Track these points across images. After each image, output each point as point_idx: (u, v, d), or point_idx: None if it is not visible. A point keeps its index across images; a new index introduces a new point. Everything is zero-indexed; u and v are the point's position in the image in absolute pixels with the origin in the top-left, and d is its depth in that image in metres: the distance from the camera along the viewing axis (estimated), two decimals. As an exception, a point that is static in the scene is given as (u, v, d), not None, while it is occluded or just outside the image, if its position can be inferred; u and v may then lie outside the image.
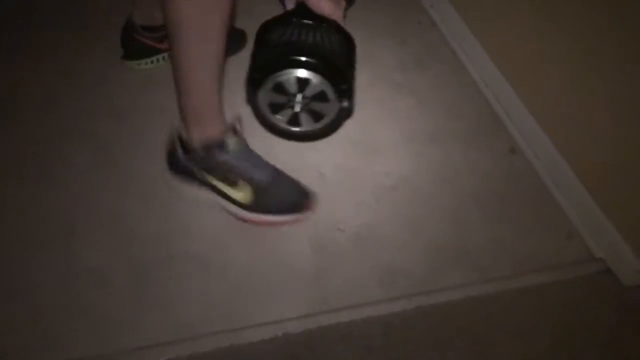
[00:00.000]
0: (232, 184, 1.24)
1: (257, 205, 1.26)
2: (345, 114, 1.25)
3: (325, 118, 1.23)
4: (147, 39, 1.50)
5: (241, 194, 1.24)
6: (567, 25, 1.34)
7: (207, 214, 1.29)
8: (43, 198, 1.29)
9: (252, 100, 1.25)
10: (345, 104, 1.19)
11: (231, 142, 1.20)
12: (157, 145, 1.35)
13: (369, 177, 1.42)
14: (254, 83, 1.22)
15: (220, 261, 1.23)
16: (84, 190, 1.31)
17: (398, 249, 1.30)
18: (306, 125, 1.29)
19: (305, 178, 1.35)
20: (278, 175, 1.28)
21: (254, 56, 1.24)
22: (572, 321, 1.24)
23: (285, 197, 1.28)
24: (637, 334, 1.24)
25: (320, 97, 1.18)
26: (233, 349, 1.12)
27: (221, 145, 1.19)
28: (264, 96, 1.22)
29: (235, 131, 1.21)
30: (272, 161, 1.31)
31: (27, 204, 1.28)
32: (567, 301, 1.27)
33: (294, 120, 1.26)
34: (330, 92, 1.17)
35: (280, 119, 1.24)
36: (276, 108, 1.23)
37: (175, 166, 1.24)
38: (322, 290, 1.22)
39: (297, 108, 1.21)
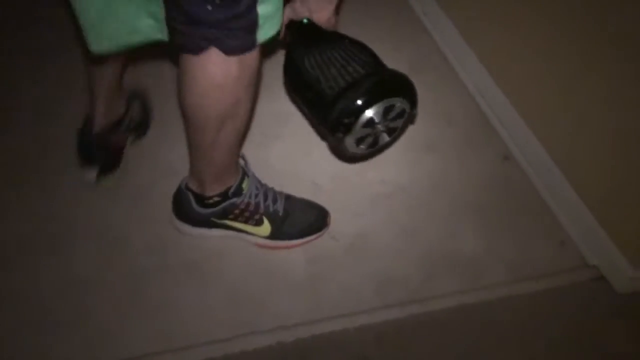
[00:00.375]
0: (253, 222, 1.24)
1: (279, 233, 1.26)
2: (412, 119, 1.24)
3: (398, 129, 1.20)
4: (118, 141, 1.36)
5: (262, 228, 1.25)
6: (561, 31, 1.35)
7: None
8: (38, 205, 1.29)
9: (339, 145, 1.17)
10: (415, 110, 1.18)
11: (245, 184, 1.20)
12: (154, 152, 1.35)
13: (364, 185, 1.42)
14: (343, 128, 1.13)
15: (214, 270, 1.23)
16: (79, 198, 1.31)
17: (392, 257, 1.30)
18: (382, 141, 1.24)
19: (300, 188, 1.36)
20: (291, 201, 1.29)
21: (317, 101, 1.16)
22: (567, 328, 1.24)
23: (303, 220, 1.29)
24: (630, 340, 1.24)
25: (400, 114, 1.16)
26: (226, 358, 1.12)
27: (238, 191, 1.19)
28: (353, 136, 1.16)
29: (245, 171, 1.21)
30: (268, 171, 1.32)
31: (21, 211, 1.28)
32: (561, 308, 1.27)
33: (374, 142, 1.21)
34: (407, 106, 1.16)
35: (363, 148, 1.19)
36: (361, 140, 1.18)
37: (190, 218, 1.24)
38: (316, 299, 1.22)
39: (381, 131, 1.17)
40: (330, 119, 1.11)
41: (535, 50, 1.44)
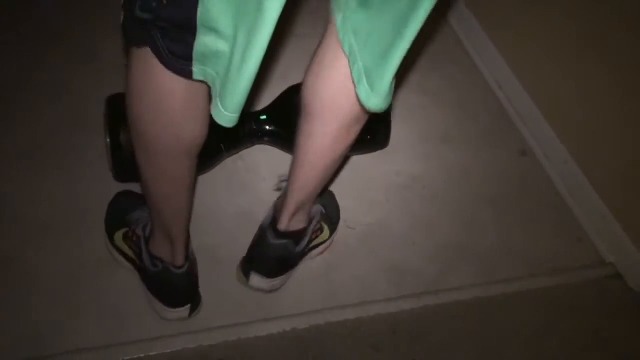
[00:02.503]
0: (319, 232, 1.22)
1: (332, 230, 1.26)
2: None
3: None
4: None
5: (324, 233, 1.23)
6: (583, 26, 1.34)
7: (219, 209, 1.29)
8: (53, 188, 1.30)
9: None
10: None
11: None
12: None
13: (380, 175, 1.42)
14: None
15: (231, 255, 1.23)
16: (94, 181, 1.31)
17: (408, 248, 1.30)
18: None
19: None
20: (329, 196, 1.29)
21: None
22: (581, 325, 1.23)
23: (333, 206, 1.30)
24: (646, 339, 1.23)
25: None
26: (240, 343, 1.12)
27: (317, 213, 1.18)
28: None
29: None
30: (285, 160, 1.32)
31: (37, 193, 1.28)
32: (577, 305, 1.27)
33: None
34: None
35: None
36: None
37: (288, 265, 1.17)
38: (331, 287, 1.22)
39: None
40: None
41: (556, 44, 1.43)
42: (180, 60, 0.72)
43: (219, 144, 1.31)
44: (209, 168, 1.33)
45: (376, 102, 0.81)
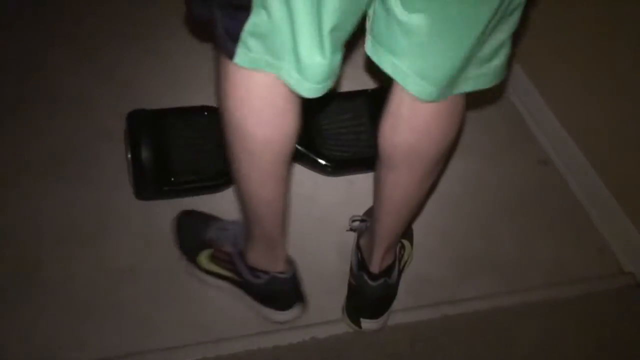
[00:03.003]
0: (405, 250, 1.23)
1: (412, 243, 1.29)
2: None
3: None
4: None
5: (408, 249, 1.26)
6: (601, 35, 1.34)
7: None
8: (77, 197, 1.31)
9: None
10: None
11: None
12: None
13: (398, 184, 1.42)
14: None
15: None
16: (117, 191, 1.33)
17: (426, 258, 1.30)
18: None
19: (334, 185, 1.36)
20: None
21: None
22: (602, 336, 1.23)
23: None
24: (667, 350, 1.22)
25: None
26: (260, 352, 1.13)
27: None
28: None
29: None
30: (303, 170, 1.34)
31: (61, 202, 1.30)
32: (596, 315, 1.26)
33: None
34: None
35: None
36: None
37: (383, 299, 1.17)
38: (350, 296, 1.22)
39: None
40: None
41: (574, 52, 1.42)
42: (229, 40, 0.75)
43: None
44: (229, 186, 1.35)
45: (434, 93, 0.82)
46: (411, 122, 0.88)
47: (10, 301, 1.16)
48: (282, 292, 1.13)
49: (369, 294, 1.12)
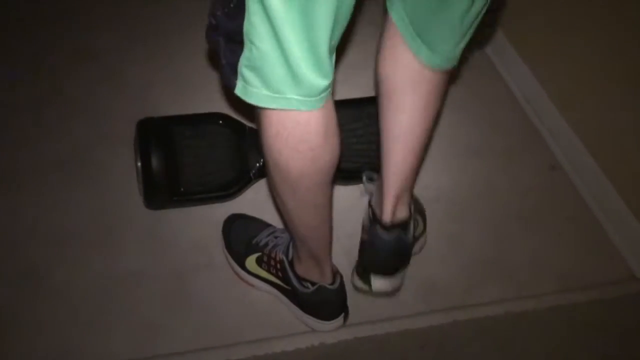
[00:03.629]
0: (418, 225, 1.25)
1: (425, 227, 1.31)
2: None
3: None
4: None
5: (420, 226, 1.29)
6: (614, 38, 1.33)
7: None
8: (86, 201, 1.32)
9: None
10: None
11: None
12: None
13: (407, 189, 1.41)
14: None
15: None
16: (125, 195, 1.33)
17: (436, 262, 1.29)
18: None
19: (344, 190, 1.36)
20: None
21: None
22: (614, 342, 1.21)
23: (421, 206, 1.36)
24: (680, 357, 1.21)
25: None
26: (268, 357, 1.12)
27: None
28: None
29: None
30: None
31: (68, 205, 1.31)
32: (608, 321, 1.24)
33: None
34: None
35: None
36: None
37: (397, 255, 1.16)
38: (359, 301, 1.21)
39: None
40: None
41: (587, 58, 1.42)
42: (231, 72, 0.77)
43: (247, 172, 1.33)
44: (239, 194, 1.35)
45: (438, 61, 0.92)
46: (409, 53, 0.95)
47: (17, 305, 1.16)
48: (328, 302, 1.13)
49: (381, 246, 1.11)
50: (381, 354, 1.15)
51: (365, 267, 1.16)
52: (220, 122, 1.36)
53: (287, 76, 0.74)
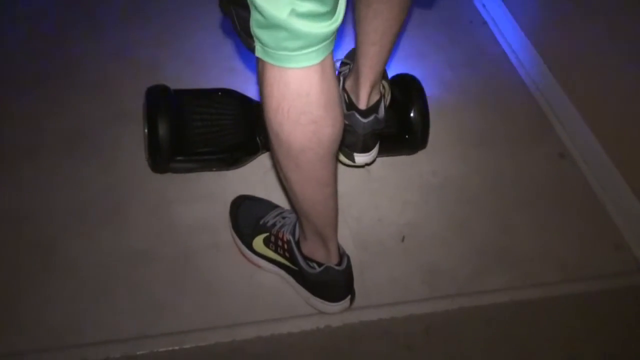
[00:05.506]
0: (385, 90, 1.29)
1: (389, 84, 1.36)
2: None
3: None
4: None
5: (386, 89, 1.32)
6: (623, 25, 1.32)
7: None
8: (94, 177, 1.31)
9: None
10: None
11: None
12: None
13: (415, 175, 1.41)
14: None
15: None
16: (133, 173, 1.32)
17: (442, 249, 1.29)
18: None
19: (351, 173, 1.35)
20: None
21: None
22: (619, 333, 1.21)
23: None
24: (685, 349, 1.21)
25: None
26: (274, 339, 1.13)
27: None
28: None
29: None
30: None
31: (77, 182, 1.30)
32: (613, 312, 1.24)
33: None
34: None
35: None
36: None
37: (374, 134, 1.25)
38: (365, 285, 1.21)
39: None
40: None
41: (598, 46, 1.40)
42: (247, 36, 0.78)
43: (255, 138, 1.32)
44: (244, 163, 1.35)
45: None
46: None
47: (24, 281, 1.16)
48: (334, 283, 1.13)
49: (361, 130, 1.21)
50: (386, 339, 1.15)
51: (348, 146, 1.25)
52: (229, 94, 1.38)
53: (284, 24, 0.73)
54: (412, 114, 1.37)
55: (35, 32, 1.60)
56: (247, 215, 1.23)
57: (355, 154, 1.25)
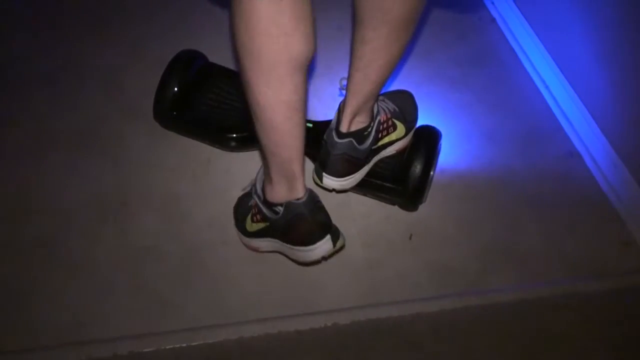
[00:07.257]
0: (392, 129, 1.27)
1: (409, 127, 1.32)
2: None
3: None
4: None
5: (398, 130, 1.29)
6: (624, 23, 1.31)
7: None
8: (102, 174, 1.32)
9: None
10: None
11: None
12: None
13: (423, 172, 1.40)
14: None
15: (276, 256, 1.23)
16: (140, 170, 1.33)
17: (450, 247, 1.29)
18: None
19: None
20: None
21: None
22: (629, 332, 1.21)
23: (407, 101, 1.38)
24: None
25: None
26: (282, 336, 1.13)
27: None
28: None
29: None
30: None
31: (86, 178, 1.31)
32: (623, 310, 1.24)
33: None
34: None
35: None
36: None
37: (347, 162, 1.21)
38: (373, 284, 1.21)
39: None
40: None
41: (607, 46, 1.40)
42: None
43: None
44: (239, 145, 1.37)
45: None
46: None
47: (33, 277, 1.16)
48: (300, 220, 1.06)
49: (332, 149, 1.18)
50: (394, 336, 1.15)
51: (320, 162, 1.22)
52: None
53: None
54: (411, 167, 1.27)
55: (42, 32, 1.60)
56: (239, 207, 1.23)
57: (324, 174, 1.21)
